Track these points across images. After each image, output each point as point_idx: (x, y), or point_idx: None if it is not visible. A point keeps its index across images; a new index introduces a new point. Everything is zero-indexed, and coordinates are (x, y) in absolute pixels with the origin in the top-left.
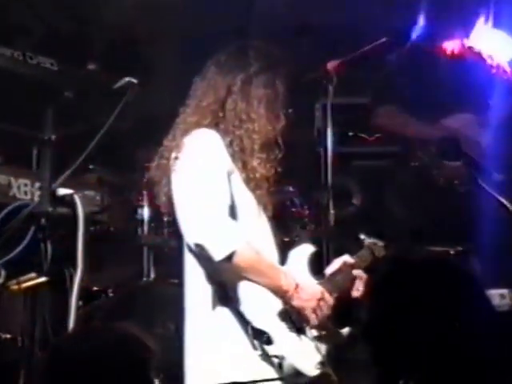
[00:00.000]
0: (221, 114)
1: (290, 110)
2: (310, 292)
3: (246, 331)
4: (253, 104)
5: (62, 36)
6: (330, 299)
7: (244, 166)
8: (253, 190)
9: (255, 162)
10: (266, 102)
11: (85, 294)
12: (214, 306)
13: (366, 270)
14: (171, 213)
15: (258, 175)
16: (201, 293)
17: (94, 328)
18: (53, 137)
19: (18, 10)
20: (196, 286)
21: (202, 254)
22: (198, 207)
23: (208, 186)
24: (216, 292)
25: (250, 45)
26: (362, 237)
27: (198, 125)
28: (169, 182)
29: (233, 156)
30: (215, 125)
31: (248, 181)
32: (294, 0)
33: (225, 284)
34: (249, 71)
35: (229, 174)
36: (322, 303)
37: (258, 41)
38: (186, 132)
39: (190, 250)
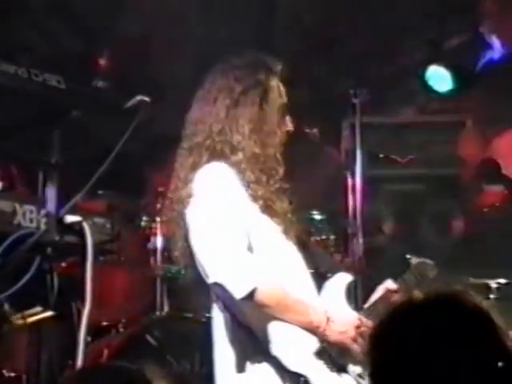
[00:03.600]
0: (218, 146)
1: (315, 130)
2: (345, 323)
3: (281, 376)
4: (241, 127)
5: (69, 52)
6: (370, 324)
7: (253, 195)
8: (271, 218)
9: (259, 188)
10: (255, 121)
11: (93, 329)
12: (240, 368)
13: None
14: (188, 265)
15: (268, 202)
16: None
17: (100, 367)
18: (60, 160)
19: (22, 26)
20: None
21: (222, 295)
22: (215, 246)
23: (224, 223)
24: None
25: (230, 65)
26: (409, 256)
27: (195, 167)
28: (184, 233)
29: (244, 186)
30: (217, 160)
31: (262, 209)
32: (321, 12)
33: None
34: (232, 95)
35: (245, 206)
36: (362, 330)
37: (241, 58)
38: (186, 178)
39: (217, 296)
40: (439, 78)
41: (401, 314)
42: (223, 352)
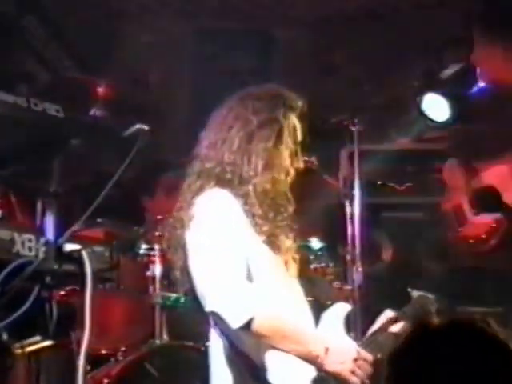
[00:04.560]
0: (227, 176)
1: (313, 158)
2: (344, 354)
3: None
4: (253, 162)
5: (67, 81)
6: (369, 357)
7: (257, 228)
8: (272, 251)
9: (265, 224)
10: (268, 157)
11: (93, 358)
12: None
13: (415, 325)
14: (187, 287)
15: (272, 238)
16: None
17: None
18: (59, 188)
19: (21, 55)
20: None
21: (219, 323)
22: (212, 274)
23: (223, 251)
24: (240, 370)
25: (250, 95)
26: (409, 289)
27: (201, 191)
28: (184, 255)
29: (246, 217)
30: (221, 187)
31: (265, 243)
32: (319, 40)
33: (250, 356)
34: (248, 128)
35: (246, 234)
36: (360, 363)
37: (262, 89)
38: (191, 200)
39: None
40: (436, 107)
41: (417, 341)
42: (221, 379)
